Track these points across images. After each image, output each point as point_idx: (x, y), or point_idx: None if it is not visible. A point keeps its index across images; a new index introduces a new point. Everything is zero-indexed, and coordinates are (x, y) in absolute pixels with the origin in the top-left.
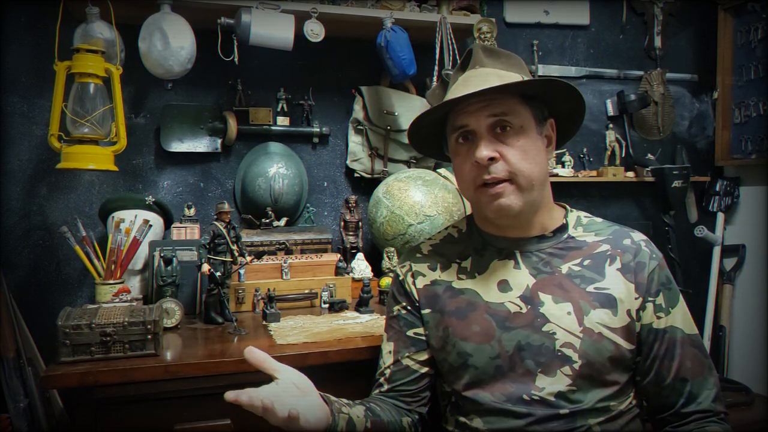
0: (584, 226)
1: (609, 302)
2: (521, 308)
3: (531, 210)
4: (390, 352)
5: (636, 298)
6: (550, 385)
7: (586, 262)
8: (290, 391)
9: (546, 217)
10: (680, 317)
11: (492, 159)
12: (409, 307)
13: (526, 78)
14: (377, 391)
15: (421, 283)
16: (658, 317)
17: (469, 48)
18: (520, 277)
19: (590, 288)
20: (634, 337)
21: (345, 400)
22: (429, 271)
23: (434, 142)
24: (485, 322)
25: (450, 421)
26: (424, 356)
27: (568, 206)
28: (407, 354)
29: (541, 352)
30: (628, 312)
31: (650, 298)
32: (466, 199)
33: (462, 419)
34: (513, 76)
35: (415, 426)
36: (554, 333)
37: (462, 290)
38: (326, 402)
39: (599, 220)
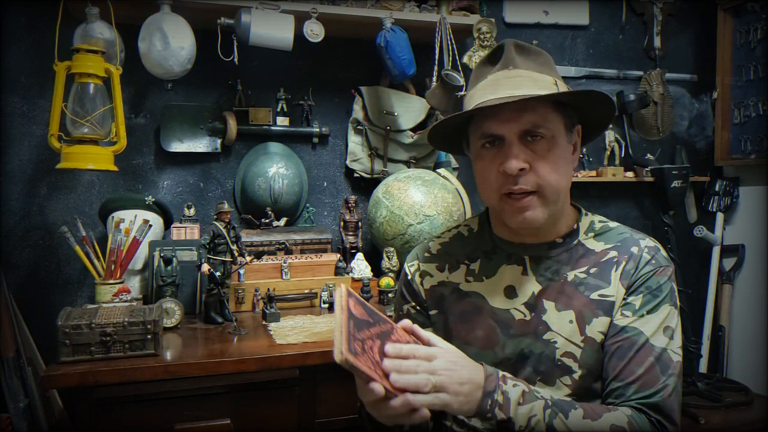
0: (596, 232)
1: (610, 309)
2: (525, 315)
3: (552, 220)
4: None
5: None
6: (548, 394)
7: (593, 270)
8: None
9: (562, 223)
10: (653, 327)
11: (522, 170)
12: (418, 308)
13: (558, 80)
14: None
15: (428, 283)
16: (624, 315)
17: (500, 43)
18: (527, 283)
19: (594, 295)
20: None
21: None
22: (437, 271)
23: (453, 136)
24: (489, 328)
25: (449, 417)
26: None
27: (582, 209)
28: None
29: (541, 360)
30: None
31: (625, 296)
32: (488, 205)
33: (460, 416)
34: (546, 79)
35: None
36: (555, 342)
37: (468, 293)
38: None
39: (613, 225)
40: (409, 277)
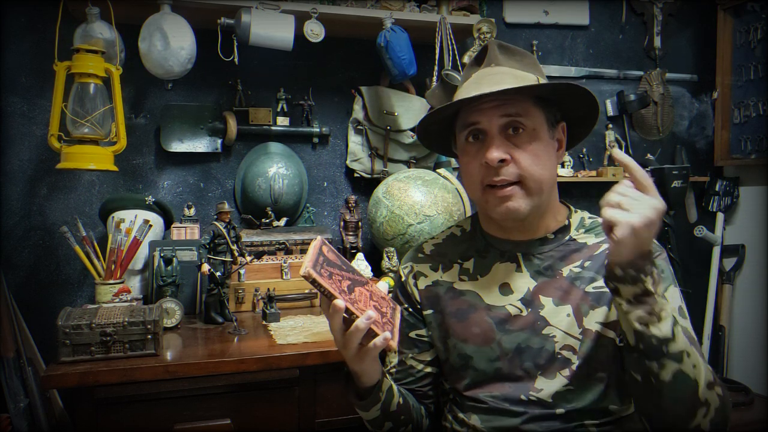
0: (586, 227)
1: (606, 299)
2: (521, 311)
3: (537, 213)
4: (395, 351)
5: None
6: (548, 386)
7: (586, 264)
8: None
9: (551, 219)
10: (673, 310)
11: (503, 161)
12: (410, 309)
13: (541, 79)
14: None
15: (422, 283)
16: None
17: (485, 44)
18: (522, 280)
19: (589, 288)
20: None
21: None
22: (431, 271)
23: (443, 137)
24: (485, 324)
25: (448, 418)
26: (427, 356)
27: (572, 207)
28: (411, 355)
29: (540, 354)
30: None
31: None
32: (473, 199)
33: (461, 416)
34: (528, 77)
35: (426, 416)
36: (554, 336)
37: (463, 292)
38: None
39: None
40: (403, 279)
